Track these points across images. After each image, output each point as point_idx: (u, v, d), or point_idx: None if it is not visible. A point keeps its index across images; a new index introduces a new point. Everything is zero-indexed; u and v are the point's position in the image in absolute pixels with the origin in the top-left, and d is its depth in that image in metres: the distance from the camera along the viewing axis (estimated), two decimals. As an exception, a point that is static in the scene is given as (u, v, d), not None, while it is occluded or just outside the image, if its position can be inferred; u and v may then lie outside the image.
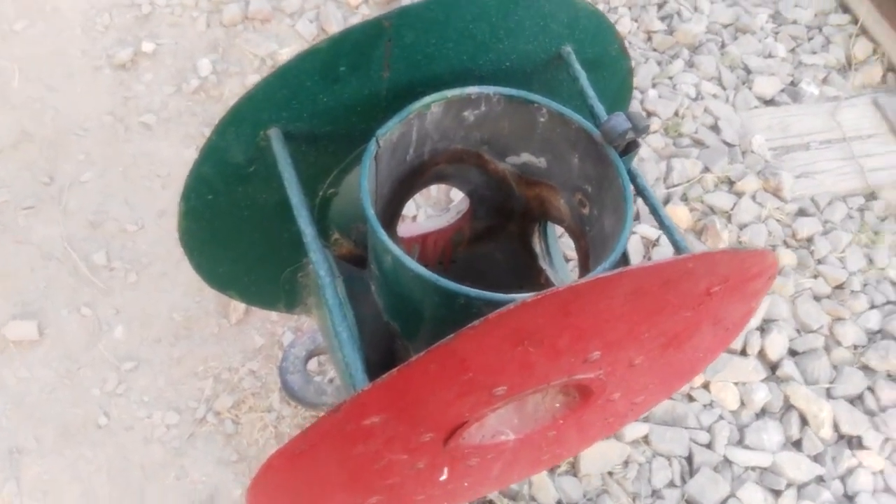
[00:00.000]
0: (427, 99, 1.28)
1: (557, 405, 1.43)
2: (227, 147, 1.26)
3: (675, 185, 2.83)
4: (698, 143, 2.94)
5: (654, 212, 1.28)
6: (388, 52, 1.23)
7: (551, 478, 2.28)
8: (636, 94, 2.93)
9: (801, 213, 2.80)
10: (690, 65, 2.99)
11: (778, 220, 2.79)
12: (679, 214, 2.71)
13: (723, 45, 3.12)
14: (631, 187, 1.26)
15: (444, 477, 1.45)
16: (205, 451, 2.33)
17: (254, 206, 1.40)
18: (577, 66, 1.38)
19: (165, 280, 2.56)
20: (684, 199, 2.84)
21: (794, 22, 3.21)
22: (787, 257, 2.70)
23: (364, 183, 1.19)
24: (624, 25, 3.05)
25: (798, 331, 2.60)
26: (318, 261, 1.19)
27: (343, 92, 1.26)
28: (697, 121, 2.96)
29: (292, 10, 3.16)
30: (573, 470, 2.32)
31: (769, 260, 1.18)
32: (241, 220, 1.42)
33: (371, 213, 1.16)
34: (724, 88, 3.02)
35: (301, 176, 1.26)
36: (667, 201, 2.74)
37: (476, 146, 1.40)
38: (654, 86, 2.96)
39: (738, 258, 1.11)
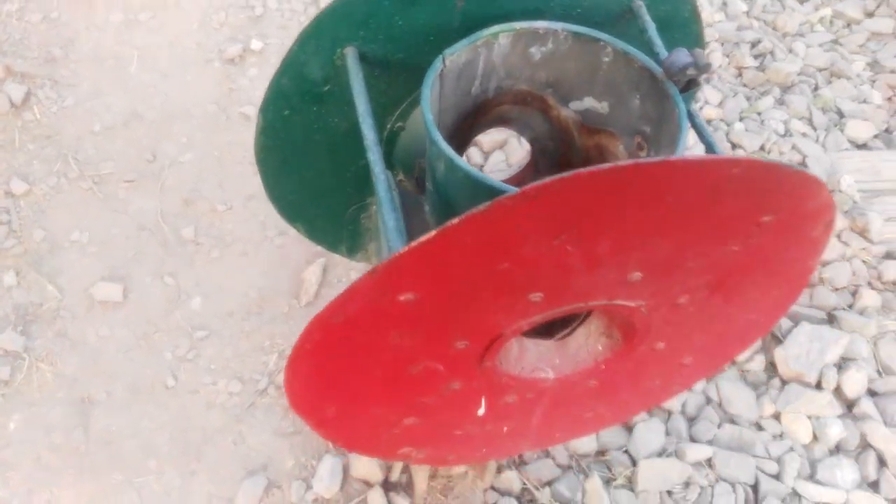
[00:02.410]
0: (496, 28, 1.34)
1: (600, 347, 1.42)
2: (305, 61, 1.34)
3: None
4: None
5: (710, 149, 1.28)
6: (464, -24, 1.30)
7: (607, 490, 2.22)
8: (722, 125, 2.93)
9: (888, 255, 2.72)
10: (781, 102, 2.99)
11: (864, 262, 2.71)
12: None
13: (816, 88, 3.10)
14: (688, 123, 1.28)
15: (482, 411, 1.46)
16: (263, 421, 2.37)
17: (326, 129, 1.47)
18: (647, 18, 1.42)
19: (245, 259, 2.67)
20: None
21: (892, 71, 3.16)
22: (870, 298, 2.61)
23: (426, 91, 1.25)
24: (715, 59, 3.08)
25: (879, 372, 2.50)
26: (376, 160, 1.24)
27: (418, 17, 1.33)
28: (784, 157, 2.93)
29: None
30: (630, 484, 2.26)
31: (823, 194, 1.17)
32: (312, 144, 1.50)
33: (429, 115, 1.22)
34: (814, 128, 2.99)
35: (372, 105, 1.33)
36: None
37: (541, 89, 1.45)
38: (741, 119, 2.95)
39: (787, 178, 1.11)
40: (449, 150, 1.18)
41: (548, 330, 1.48)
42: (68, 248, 2.69)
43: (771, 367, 2.48)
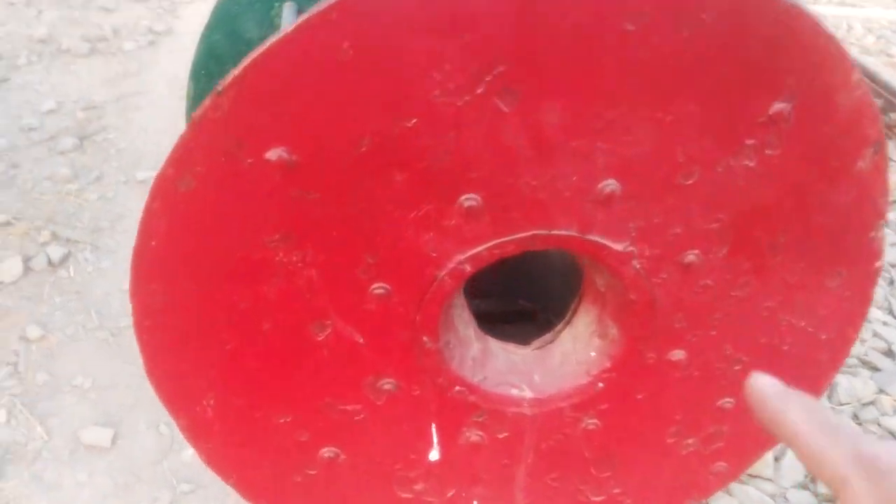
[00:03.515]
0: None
1: (592, 352, 1.04)
2: (239, 14, 1.18)
3: (842, 404, 2.43)
4: (868, 365, 2.60)
5: None
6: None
7: None
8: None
9: None
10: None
11: None
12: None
13: (891, 282, 2.87)
14: None
15: (434, 452, 1.06)
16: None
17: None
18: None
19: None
20: (855, 419, 2.42)
21: None
22: None
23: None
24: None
25: None
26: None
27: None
28: (866, 344, 2.64)
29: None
30: None
31: (854, 80, 0.86)
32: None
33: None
34: (894, 317, 2.71)
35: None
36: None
37: None
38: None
39: (801, 35, 0.81)
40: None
41: (538, 333, 1.11)
42: (68, 392, 2.54)
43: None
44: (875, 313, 2.77)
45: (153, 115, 3.79)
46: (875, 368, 2.57)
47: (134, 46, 4.50)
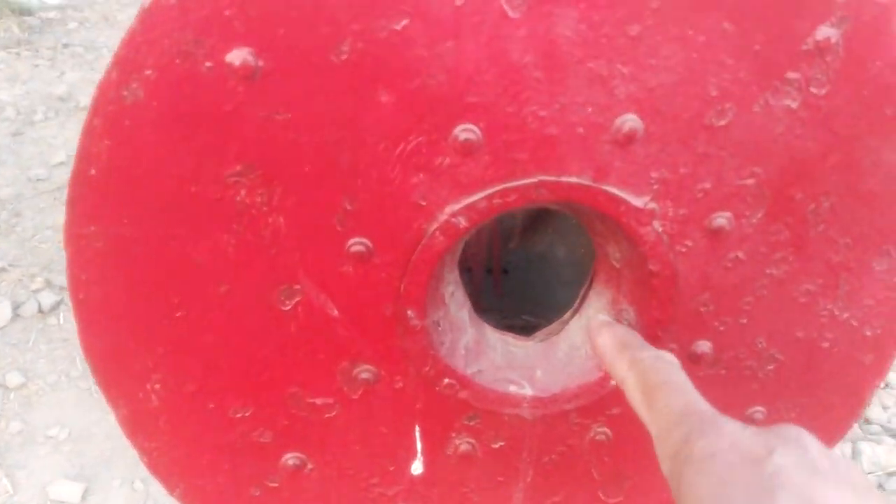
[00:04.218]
0: None
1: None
2: None
3: (867, 473, 2.25)
4: (893, 433, 2.43)
5: None
6: None
7: None
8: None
9: None
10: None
11: None
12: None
13: None
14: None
15: (417, 464, 0.89)
16: None
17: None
18: None
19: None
20: (880, 488, 2.24)
21: None
22: None
23: None
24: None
25: None
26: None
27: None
28: (889, 411, 2.48)
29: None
30: None
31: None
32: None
33: None
34: None
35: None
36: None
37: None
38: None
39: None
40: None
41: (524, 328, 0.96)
42: (42, 443, 2.38)
43: None
44: (893, 378, 2.56)
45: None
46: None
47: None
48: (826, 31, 0.74)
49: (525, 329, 1.30)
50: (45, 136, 4.08)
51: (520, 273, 1.02)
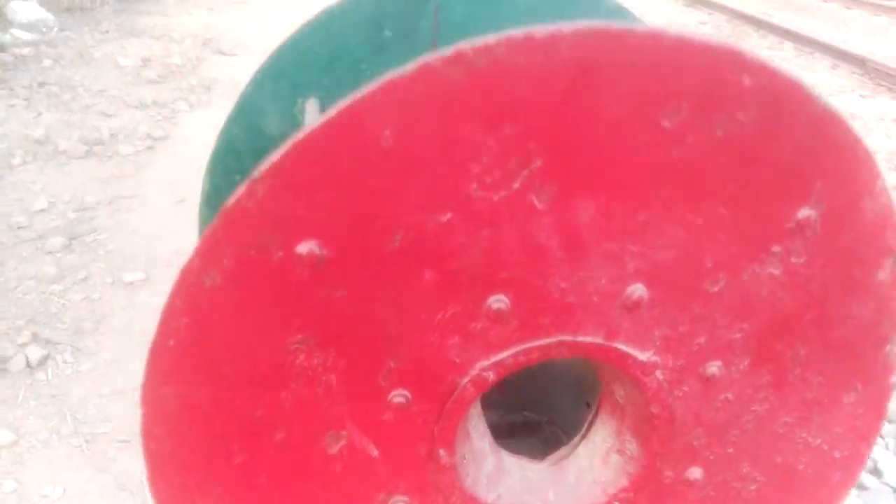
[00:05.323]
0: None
1: (611, 472, 1.00)
2: (263, 108, 1.19)
3: None
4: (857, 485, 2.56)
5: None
6: (436, 20, 1.18)
7: None
8: None
9: None
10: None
11: None
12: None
13: None
14: None
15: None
16: None
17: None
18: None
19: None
20: None
21: None
22: None
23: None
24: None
25: None
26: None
27: (388, 63, 1.20)
28: None
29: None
30: None
31: (874, 167, 0.88)
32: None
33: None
34: (882, 437, 2.67)
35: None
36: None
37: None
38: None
39: (830, 130, 0.83)
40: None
41: (543, 447, 1.08)
42: (36, 502, 2.37)
43: None
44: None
45: (145, 217, 3.77)
46: (862, 487, 2.51)
47: (131, 150, 4.49)
48: (806, 212, 0.86)
49: (526, 426, 1.41)
50: (24, 181, 4.08)
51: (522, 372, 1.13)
